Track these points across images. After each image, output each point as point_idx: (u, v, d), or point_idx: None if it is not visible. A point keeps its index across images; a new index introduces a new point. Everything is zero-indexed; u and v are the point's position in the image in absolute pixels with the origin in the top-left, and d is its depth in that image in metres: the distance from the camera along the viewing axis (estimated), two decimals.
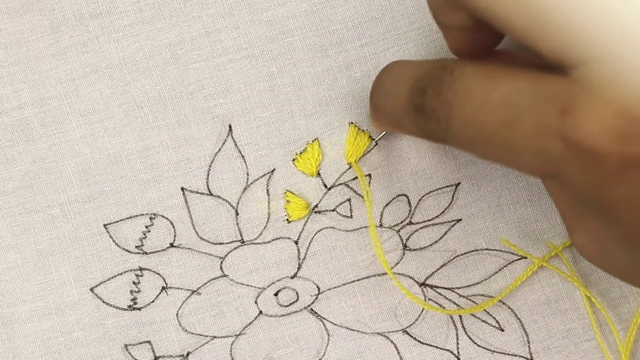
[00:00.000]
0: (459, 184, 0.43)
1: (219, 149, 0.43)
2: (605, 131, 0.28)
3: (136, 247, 0.43)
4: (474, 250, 0.43)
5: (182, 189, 0.43)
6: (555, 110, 0.29)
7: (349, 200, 0.43)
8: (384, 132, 0.42)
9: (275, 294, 0.43)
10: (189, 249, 0.43)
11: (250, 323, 0.43)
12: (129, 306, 0.43)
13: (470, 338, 0.43)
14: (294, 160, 0.43)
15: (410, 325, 0.43)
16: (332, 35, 0.43)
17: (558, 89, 0.29)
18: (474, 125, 0.31)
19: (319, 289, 0.43)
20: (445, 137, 0.33)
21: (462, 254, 0.43)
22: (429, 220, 0.43)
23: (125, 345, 0.43)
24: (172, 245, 0.43)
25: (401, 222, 0.43)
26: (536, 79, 0.30)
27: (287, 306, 0.43)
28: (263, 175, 0.43)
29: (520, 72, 0.30)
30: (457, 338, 0.43)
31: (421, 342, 0.43)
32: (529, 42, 0.30)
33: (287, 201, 0.43)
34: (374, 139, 0.43)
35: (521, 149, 0.30)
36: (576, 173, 0.29)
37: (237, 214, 0.43)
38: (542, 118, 0.29)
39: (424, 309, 0.43)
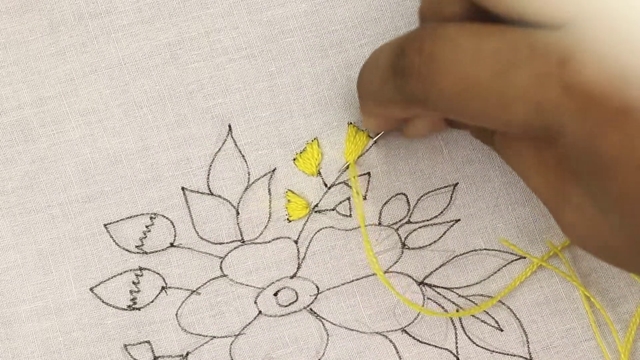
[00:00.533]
0: (457, 184, 0.43)
1: (219, 149, 0.43)
2: (607, 76, 0.28)
3: (136, 246, 0.43)
4: (472, 250, 0.43)
5: (183, 188, 0.43)
6: (555, 59, 0.29)
7: (348, 199, 0.43)
8: (382, 133, 0.42)
9: (275, 294, 0.43)
10: (189, 248, 0.43)
11: (249, 323, 0.43)
12: (129, 306, 0.43)
13: (469, 338, 0.43)
14: (294, 159, 0.43)
15: (409, 324, 0.43)
16: (331, 35, 0.43)
17: (555, 40, 0.29)
18: (462, 80, 0.30)
19: (318, 289, 0.43)
20: (428, 96, 0.32)
21: (461, 254, 0.43)
22: (427, 220, 0.43)
23: (125, 345, 0.43)
24: (172, 245, 0.43)
25: (400, 221, 0.43)
26: (529, 32, 0.30)
27: (286, 306, 0.43)
28: (264, 175, 0.43)
29: (510, 28, 0.30)
30: (456, 337, 0.43)
31: (420, 342, 0.43)
32: (516, 5, 0.30)
33: (288, 200, 0.43)
34: (372, 138, 0.43)
35: (516, 100, 0.30)
36: (574, 121, 0.29)
37: (237, 213, 0.43)
38: (541, 67, 0.29)
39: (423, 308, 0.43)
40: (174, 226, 0.43)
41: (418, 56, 0.31)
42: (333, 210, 0.43)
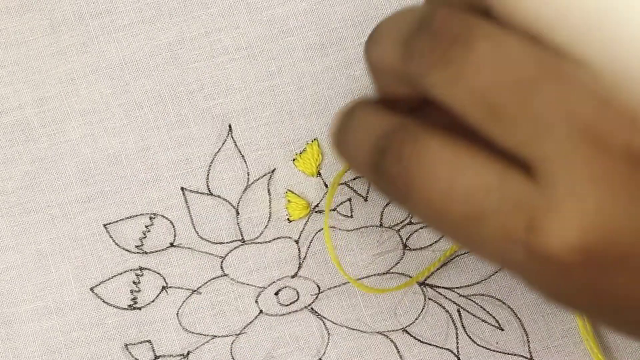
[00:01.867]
0: None
1: (219, 149, 0.43)
2: (573, 247, 0.27)
3: (136, 246, 0.43)
4: None
5: (182, 188, 0.43)
6: (522, 220, 0.28)
7: (350, 199, 0.43)
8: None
9: (276, 293, 0.43)
10: (189, 248, 0.43)
11: (250, 322, 0.43)
12: (129, 306, 0.43)
13: (470, 337, 0.43)
14: (294, 160, 0.43)
15: (410, 324, 0.43)
16: (331, 34, 0.43)
17: (525, 193, 0.28)
18: (434, 209, 0.29)
19: (319, 288, 0.43)
20: (404, 205, 0.31)
21: (462, 254, 0.43)
22: None
23: (126, 345, 0.43)
24: (172, 244, 0.43)
25: (401, 222, 0.43)
26: (504, 176, 0.28)
27: (287, 305, 0.43)
28: (264, 175, 0.43)
29: (488, 162, 0.29)
30: (457, 337, 0.43)
31: (421, 341, 0.43)
32: (486, 134, 0.29)
33: (288, 201, 0.43)
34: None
35: (483, 245, 0.29)
36: (540, 284, 0.29)
37: (237, 213, 0.43)
38: (508, 224, 0.28)
39: (423, 308, 0.43)
40: (173, 226, 0.43)
41: (396, 166, 0.30)
42: (334, 210, 0.43)
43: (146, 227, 0.43)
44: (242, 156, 0.43)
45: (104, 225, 0.43)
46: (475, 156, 0.29)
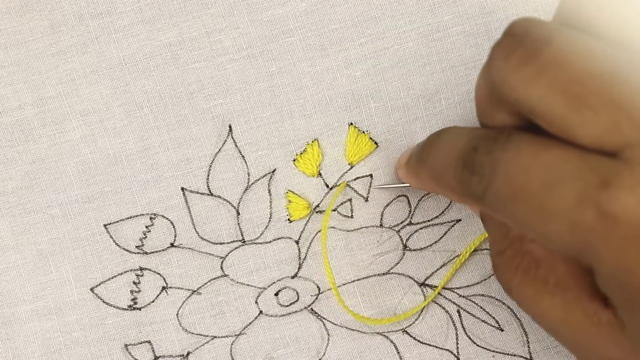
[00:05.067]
0: None
1: (219, 149, 0.43)
2: None
3: (136, 247, 0.43)
4: (473, 250, 0.43)
5: (182, 189, 0.43)
6: (596, 181, 0.28)
7: (350, 200, 0.43)
8: (402, 185, 0.43)
9: (276, 294, 0.43)
10: (189, 248, 0.43)
11: (250, 323, 0.43)
12: (129, 306, 0.43)
13: (469, 338, 0.43)
14: (294, 160, 0.43)
15: (410, 325, 0.43)
16: (331, 34, 0.43)
17: (602, 162, 0.29)
18: (514, 185, 0.31)
19: (319, 289, 0.43)
20: (484, 195, 0.32)
21: (461, 254, 0.43)
22: (428, 221, 0.43)
23: (126, 345, 0.43)
24: (172, 245, 0.43)
25: (401, 223, 0.43)
26: (584, 152, 0.29)
27: (287, 306, 0.43)
28: (264, 176, 0.43)
29: (566, 145, 0.30)
30: (457, 338, 0.43)
31: (421, 342, 0.43)
32: (569, 129, 0.30)
33: (289, 201, 0.43)
34: (375, 142, 0.43)
35: (555, 215, 0.30)
36: (606, 248, 0.29)
37: (238, 213, 0.43)
38: (582, 187, 0.29)
39: (423, 309, 0.43)
40: (174, 226, 0.43)
41: (487, 157, 0.32)
42: (334, 210, 0.43)
43: (146, 227, 0.43)
44: (243, 156, 0.43)
45: (104, 225, 0.43)
46: (559, 143, 0.30)
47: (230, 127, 0.43)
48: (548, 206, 0.30)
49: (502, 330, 0.43)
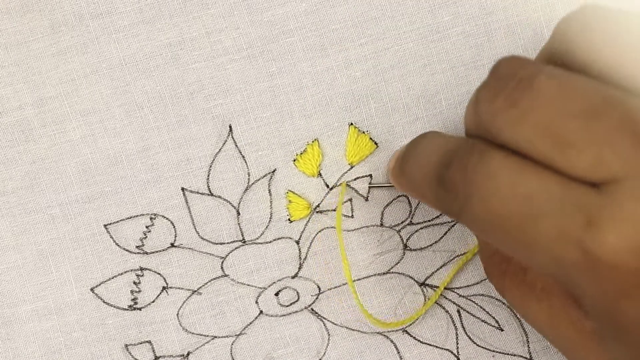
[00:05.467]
0: None
1: (219, 149, 0.43)
2: (629, 248, 0.28)
3: (137, 247, 0.43)
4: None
5: (183, 189, 0.43)
6: (581, 219, 0.28)
7: (350, 200, 0.43)
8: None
9: (276, 294, 0.43)
10: (189, 248, 0.43)
11: (250, 323, 0.43)
12: (130, 306, 0.43)
13: (469, 338, 0.43)
14: (294, 160, 0.43)
15: (410, 324, 0.43)
16: (331, 34, 0.43)
17: (586, 198, 0.29)
18: (493, 212, 0.30)
19: (319, 289, 0.43)
20: (460, 214, 0.32)
21: (462, 254, 0.43)
22: (429, 221, 0.43)
23: (126, 345, 0.43)
24: (172, 245, 0.43)
25: (402, 223, 0.43)
26: (566, 183, 0.29)
27: (287, 306, 0.43)
28: (264, 176, 0.43)
29: (550, 173, 0.30)
30: (457, 338, 0.43)
31: (421, 342, 0.43)
32: (554, 164, 0.30)
33: (289, 201, 0.43)
34: (375, 142, 0.43)
35: (537, 247, 0.30)
36: (590, 285, 0.29)
37: (238, 214, 0.43)
38: (566, 223, 0.29)
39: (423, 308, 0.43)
40: (174, 226, 0.43)
41: (460, 175, 0.32)
42: (334, 210, 0.43)
43: (147, 227, 0.43)
44: (243, 157, 0.43)
45: (105, 225, 0.43)
46: (538, 167, 0.30)
47: (230, 127, 0.43)
48: (529, 238, 0.30)
49: (502, 330, 0.43)
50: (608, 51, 0.31)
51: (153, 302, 0.43)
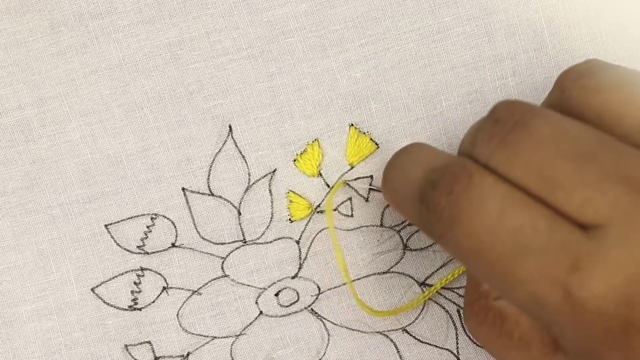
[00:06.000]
0: None
1: (220, 150, 0.43)
2: (614, 295, 0.27)
3: (137, 247, 0.43)
4: None
5: (183, 189, 0.43)
6: (567, 261, 0.28)
7: (350, 199, 0.43)
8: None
9: (276, 294, 0.43)
10: (190, 248, 0.43)
11: (250, 323, 0.43)
12: (130, 306, 0.43)
13: (469, 337, 0.43)
14: (294, 160, 0.43)
15: (410, 324, 0.43)
16: (332, 35, 0.43)
17: (574, 239, 0.29)
18: (477, 241, 0.30)
19: (319, 289, 0.43)
20: (442, 237, 0.32)
21: None
22: None
23: (126, 346, 0.43)
24: (173, 245, 0.43)
25: (402, 223, 0.43)
26: (555, 219, 0.29)
27: (287, 306, 0.43)
28: (265, 176, 0.43)
29: (540, 206, 0.30)
30: (457, 337, 0.43)
31: (421, 341, 0.43)
32: (543, 201, 0.30)
33: (290, 201, 0.43)
34: (375, 143, 0.43)
35: (519, 284, 0.29)
36: (571, 329, 0.29)
37: (239, 214, 0.43)
38: (551, 263, 0.28)
39: (423, 308, 0.43)
40: (175, 226, 0.43)
41: (446, 197, 0.31)
42: (335, 210, 0.43)
43: (147, 227, 0.43)
44: (243, 157, 0.43)
45: (105, 225, 0.43)
46: (527, 199, 0.30)
47: (230, 127, 0.43)
48: (512, 273, 0.29)
49: None
50: (613, 101, 0.31)
51: (153, 302, 0.43)
